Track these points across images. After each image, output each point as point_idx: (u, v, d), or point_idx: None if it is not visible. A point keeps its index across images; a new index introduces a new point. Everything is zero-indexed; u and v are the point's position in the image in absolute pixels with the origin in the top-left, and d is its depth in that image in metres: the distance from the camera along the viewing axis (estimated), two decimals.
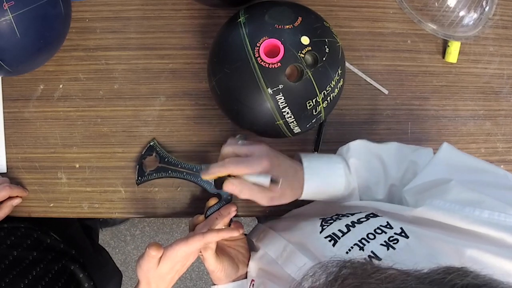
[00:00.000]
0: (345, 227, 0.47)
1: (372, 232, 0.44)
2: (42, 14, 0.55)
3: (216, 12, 0.70)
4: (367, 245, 0.43)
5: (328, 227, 0.49)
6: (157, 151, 0.67)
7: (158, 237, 1.59)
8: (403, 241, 0.41)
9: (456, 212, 0.40)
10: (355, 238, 0.44)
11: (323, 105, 0.54)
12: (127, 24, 0.70)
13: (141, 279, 0.53)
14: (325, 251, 0.45)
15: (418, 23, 0.72)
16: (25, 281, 0.62)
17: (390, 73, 0.72)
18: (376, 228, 0.45)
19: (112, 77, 0.69)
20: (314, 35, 0.52)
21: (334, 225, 0.49)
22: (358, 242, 0.43)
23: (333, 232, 0.47)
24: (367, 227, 0.45)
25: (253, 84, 0.51)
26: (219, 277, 0.56)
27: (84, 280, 0.71)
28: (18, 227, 0.68)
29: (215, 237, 0.52)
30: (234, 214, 0.60)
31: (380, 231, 0.44)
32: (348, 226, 0.47)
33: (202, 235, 0.51)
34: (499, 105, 0.74)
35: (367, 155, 0.57)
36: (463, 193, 0.44)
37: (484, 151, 0.73)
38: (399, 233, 0.43)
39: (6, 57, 0.55)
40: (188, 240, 0.51)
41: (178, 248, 0.51)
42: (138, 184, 0.67)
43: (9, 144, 0.68)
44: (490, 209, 0.39)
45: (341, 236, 0.46)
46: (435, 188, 0.48)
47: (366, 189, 0.57)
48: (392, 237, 0.42)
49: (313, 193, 0.54)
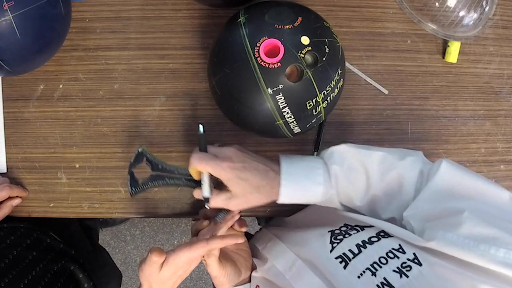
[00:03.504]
0: (356, 248, 0.46)
1: (384, 256, 0.44)
2: (42, 14, 0.55)
3: (216, 12, 0.70)
4: (380, 270, 0.42)
5: (338, 245, 0.48)
6: (148, 158, 0.62)
7: (158, 237, 1.59)
8: (417, 269, 0.41)
9: (471, 250, 0.40)
10: (367, 262, 0.44)
11: (323, 105, 0.54)
12: (127, 24, 0.70)
13: (143, 282, 0.53)
14: (336, 274, 0.45)
15: (418, 23, 0.72)
16: (25, 281, 0.62)
17: (390, 73, 0.72)
18: (388, 251, 0.44)
19: (112, 77, 0.69)
20: (314, 35, 0.52)
21: (344, 243, 0.48)
22: (370, 266, 0.43)
23: (343, 252, 0.47)
24: (379, 250, 0.45)
25: (253, 84, 0.51)
26: (222, 282, 0.56)
27: (83, 280, 0.71)
28: (18, 227, 0.68)
29: (219, 244, 0.52)
30: (238, 218, 0.60)
31: (392, 255, 0.43)
32: (359, 246, 0.46)
33: (206, 241, 0.51)
34: (499, 105, 0.74)
35: (350, 162, 0.54)
36: (477, 227, 0.42)
37: (484, 151, 0.73)
38: (412, 259, 0.42)
39: (6, 57, 0.55)
40: (192, 246, 0.50)
41: (182, 254, 0.50)
42: (133, 195, 0.64)
43: (9, 144, 0.68)
44: (506, 247, 0.39)
45: (352, 258, 0.45)
46: (446, 218, 0.46)
47: (345, 195, 0.55)
48: (405, 263, 0.42)
49: (289, 197, 0.53)
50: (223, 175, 0.52)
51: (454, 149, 0.72)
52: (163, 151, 0.69)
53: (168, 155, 0.69)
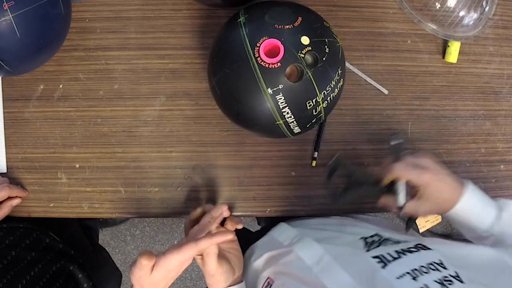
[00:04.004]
0: (395, 253, 0.47)
1: (424, 266, 0.44)
2: (42, 14, 0.55)
3: (216, 12, 0.70)
4: (420, 277, 0.42)
5: (375, 248, 0.49)
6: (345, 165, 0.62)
7: (158, 237, 1.59)
8: (458, 285, 0.41)
9: None
10: (407, 267, 0.44)
11: (323, 105, 0.54)
12: (127, 24, 0.70)
13: (135, 284, 0.53)
14: (374, 271, 0.45)
15: (418, 23, 0.72)
16: (23, 281, 0.61)
17: (390, 73, 0.72)
18: (429, 262, 0.44)
19: (112, 77, 0.69)
20: (314, 35, 0.52)
21: (381, 248, 0.49)
22: (410, 271, 0.43)
23: (381, 254, 0.47)
24: (419, 259, 0.45)
25: (253, 84, 0.51)
26: (218, 281, 0.56)
27: (83, 280, 0.71)
28: (17, 227, 0.68)
29: (208, 243, 0.52)
30: (227, 214, 0.60)
31: (433, 267, 0.44)
32: (398, 252, 0.47)
33: (195, 242, 0.51)
34: (499, 105, 0.74)
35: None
36: None
37: (484, 151, 0.73)
38: (454, 276, 0.42)
39: (6, 57, 0.55)
40: (181, 248, 0.50)
41: (171, 257, 0.50)
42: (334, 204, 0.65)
43: (9, 144, 0.68)
44: None
45: (391, 261, 0.46)
46: None
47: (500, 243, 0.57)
48: (446, 277, 0.42)
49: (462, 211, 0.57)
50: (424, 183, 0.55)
51: (454, 149, 0.72)
52: (163, 151, 0.69)
53: (168, 155, 0.69)
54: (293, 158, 0.70)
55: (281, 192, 0.69)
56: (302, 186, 0.70)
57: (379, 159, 0.71)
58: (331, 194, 0.65)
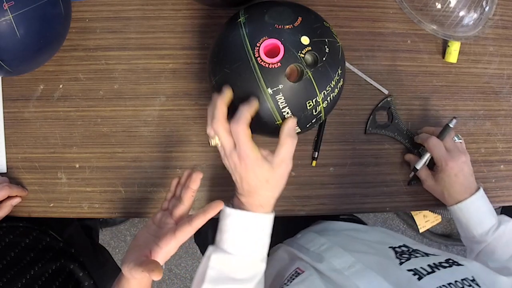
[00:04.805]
0: (429, 267, 0.47)
1: (459, 281, 0.44)
2: (42, 14, 0.55)
3: (216, 12, 0.70)
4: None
5: (408, 261, 0.49)
6: (391, 109, 0.70)
7: None
8: None
9: None
10: (443, 280, 0.44)
11: (323, 105, 0.54)
12: (127, 24, 0.70)
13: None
14: (410, 283, 0.45)
15: (418, 23, 0.72)
16: (23, 280, 0.61)
17: (390, 73, 0.72)
18: (463, 278, 0.44)
19: (112, 77, 0.69)
20: (314, 35, 0.52)
21: (413, 261, 0.49)
22: (446, 284, 0.43)
23: (415, 267, 0.47)
24: (453, 274, 0.45)
25: (253, 84, 0.51)
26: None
27: (83, 279, 0.71)
28: (17, 226, 0.68)
29: (202, 219, 0.50)
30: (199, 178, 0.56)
31: (468, 283, 0.44)
32: (431, 266, 0.47)
33: (189, 223, 0.49)
34: (499, 105, 0.74)
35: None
36: None
37: (484, 151, 0.73)
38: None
39: (6, 57, 0.55)
40: (176, 234, 0.49)
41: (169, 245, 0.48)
42: (366, 133, 0.70)
43: (9, 144, 0.68)
44: None
45: (426, 274, 0.46)
46: None
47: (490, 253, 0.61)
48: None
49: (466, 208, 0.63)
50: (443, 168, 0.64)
51: None
52: (163, 151, 0.69)
53: (168, 155, 0.69)
54: (293, 158, 0.69)
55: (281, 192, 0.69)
56: (302, 186, 0.70)
57: (379, 159, 0.71)
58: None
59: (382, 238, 0.61)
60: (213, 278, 0.48)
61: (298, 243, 0.65)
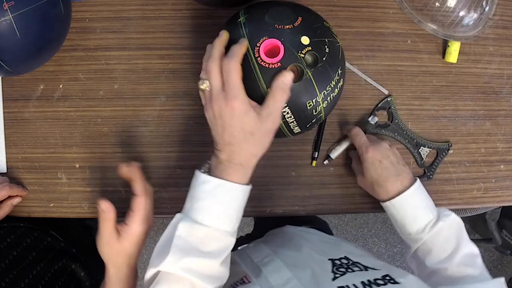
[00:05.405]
0: (361, 284, 0.45)
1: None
2: (42, 14, 0.55)
3: (216, 12, 0.70)
4: None
5: (342, 277, 0.48)
6: (391, 109, 0.70)
7: (158, 237, 1.58)
8: None
9: None
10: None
11: (323, 105, 0.54)
12: (127, 24, 0.70)
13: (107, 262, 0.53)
14: None
15: (418, 23, 0.72)
16: (25, 280, 0.62)
17: (390, 73, 0.72)
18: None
19: (112, 77, 0.69)
20: (314, 35, 0.52)
21: (348, 276, 0.48)
22: None
23: (347, 284, 0.46)
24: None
25: (253, 84, 0.51)
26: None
27: (85, 279, 0.71)
28: (18, 226, 0.68)
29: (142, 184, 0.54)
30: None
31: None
32: (364, 284, 0.45)
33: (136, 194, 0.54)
34: (499, 105, 0.74)
35: (453, 233, 0.58)
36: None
37: (484, 151, 0.73)
38: None
39: (6, 57, 0.55)
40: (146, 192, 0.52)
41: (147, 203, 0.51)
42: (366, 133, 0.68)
43: (9, 144, 0.68)
44: None
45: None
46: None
47: (427, 252, 0.59)
48: None
49: (399, 204, 0.59)
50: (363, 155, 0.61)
51: (454, 149, 0.72)
52: (163, 151, 0.69)
53: (168, 155, 0.69)
54: (293, 158, 0.70)
55: (281, 192, 0.69)
56: (302, 186, 0.70)
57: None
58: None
59: (325, 248, 0.60)
60: (179, 248, 0.45)
61: (245, 252, 0.64)
